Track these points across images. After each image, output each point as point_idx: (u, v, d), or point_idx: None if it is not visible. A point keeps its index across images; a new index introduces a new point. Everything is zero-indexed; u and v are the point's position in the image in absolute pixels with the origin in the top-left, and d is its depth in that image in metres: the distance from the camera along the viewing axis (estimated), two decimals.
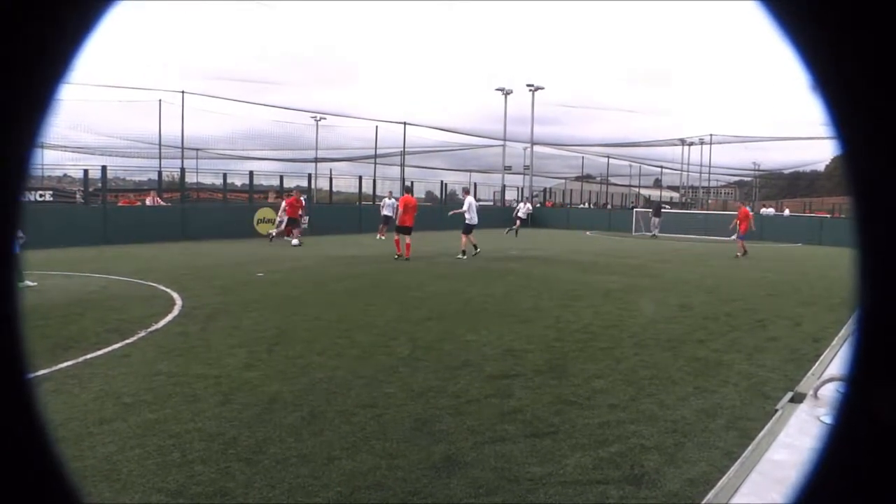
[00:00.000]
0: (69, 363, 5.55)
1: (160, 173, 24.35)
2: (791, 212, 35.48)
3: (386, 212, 19.98)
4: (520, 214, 27.50)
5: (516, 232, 26.09)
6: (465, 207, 16.50)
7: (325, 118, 37.46)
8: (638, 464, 3.72)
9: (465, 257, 15.87)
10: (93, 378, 5.19)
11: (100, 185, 20.31)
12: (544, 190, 46.35)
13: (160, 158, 25.34)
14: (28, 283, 9.62)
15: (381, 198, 25.28)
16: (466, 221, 16.33)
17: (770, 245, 21.82)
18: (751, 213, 19.78)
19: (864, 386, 0.37)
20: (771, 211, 35.42)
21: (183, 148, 25.76)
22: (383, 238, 20.66)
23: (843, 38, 0.34)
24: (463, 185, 24.99)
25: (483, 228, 20.63)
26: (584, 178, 52.79)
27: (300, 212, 20.18)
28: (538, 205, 38.12)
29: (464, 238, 16.27)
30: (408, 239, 15.26)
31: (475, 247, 16.31)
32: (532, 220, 31.73)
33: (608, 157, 49.72)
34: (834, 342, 2.32)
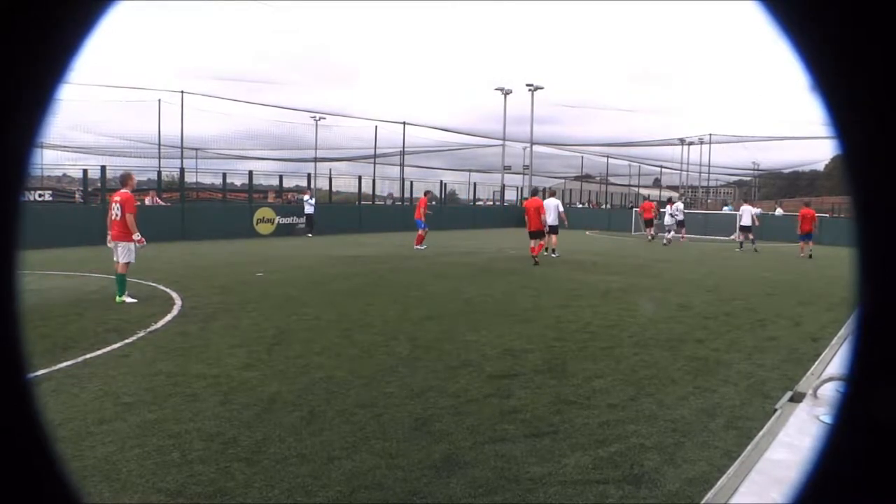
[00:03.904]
0: (68, 363, 5.55)
1: (159, 173, 24.36)
2: (785, 211, 35.52)
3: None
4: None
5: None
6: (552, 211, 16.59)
7: (324, 118, 37.46)
8: (637, 463, 3.72)
9: (556, 255, 16.17)
10: (92, 378, 5.18)
11: (99, 184, 20.31)
12: (544, 189, 46.30)
13: (159, 158, 25.33)
14: (127, 299, 8.71)
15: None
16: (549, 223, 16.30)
17: (769, 245, 21.81)
18: (812, 213, 19.17)
19: (863, 385, 0.37)
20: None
21: (182, 148, 25.73)
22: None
23: (843, 39, 0.34)
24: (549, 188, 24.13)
25: (483, 228, 20.68)
26: (584, 177, 52.73)
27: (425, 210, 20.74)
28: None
29: (553, 238, 16.45)
30: (542, 242, 15.05)
31: (549, 249, 16.31)
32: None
33: (607, 156, 49.69)
34: (833, 342, 2.32)
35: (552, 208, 16.64)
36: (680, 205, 24.56)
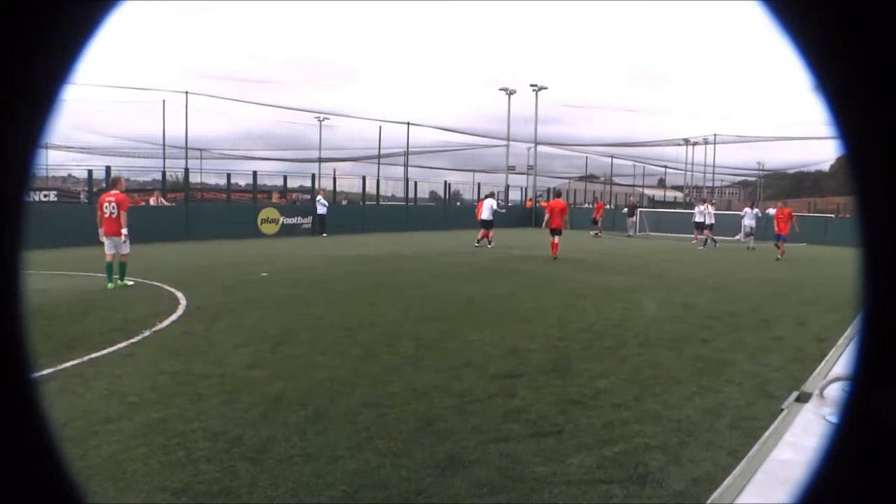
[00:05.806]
0: (74, 362, 5.57)
1: (164, 173, 24.40)
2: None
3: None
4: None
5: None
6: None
7: (328, 118, 37.49)
8: (642, 463, 3.71)
9: (491, 245, 18.94)
10: (98, 377, 5.20)
11: (104, 185, 20.37)
12: (548, 190, 46.25)
13: (164, 158, 25.36)
14: (129, 281, 10.05)
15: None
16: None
17: (772, 245, 21.71)
18: (790, 214, 18.88)
19: (869, 386, 0.37)
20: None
21: (187, 148, 25.80)
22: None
23: (845, 39, 0.34)
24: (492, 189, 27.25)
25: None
26: (588, 177, 52.56)
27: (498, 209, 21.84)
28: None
29: (490, 232, 19.44)
30: (557, 239, 16.38)
31: (484, 241, 19.39)
32: (535, 220, 31.57)
33: (612, 156, 49.51)
34: (839, 342, 2.31)
35: (487, 207, 19.91)
36: (710, 208, 25.18)
